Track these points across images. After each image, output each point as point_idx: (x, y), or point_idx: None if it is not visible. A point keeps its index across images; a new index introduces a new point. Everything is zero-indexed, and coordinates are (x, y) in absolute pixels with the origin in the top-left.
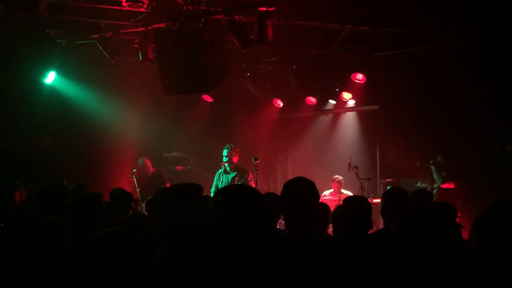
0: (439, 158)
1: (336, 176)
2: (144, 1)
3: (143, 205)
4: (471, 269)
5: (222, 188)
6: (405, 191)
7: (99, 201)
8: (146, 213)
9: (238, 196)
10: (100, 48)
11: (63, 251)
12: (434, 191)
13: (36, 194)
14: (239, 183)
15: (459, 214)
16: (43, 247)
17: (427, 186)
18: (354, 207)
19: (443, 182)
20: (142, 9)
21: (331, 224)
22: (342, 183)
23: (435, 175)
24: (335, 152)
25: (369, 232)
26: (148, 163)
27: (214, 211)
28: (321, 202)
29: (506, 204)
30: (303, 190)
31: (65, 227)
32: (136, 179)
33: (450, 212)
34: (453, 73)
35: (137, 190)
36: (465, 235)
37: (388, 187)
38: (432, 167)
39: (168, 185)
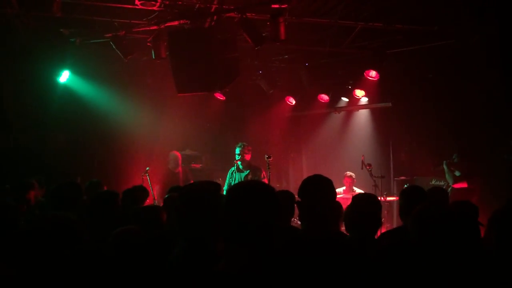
0: (454, 156)
1: (348, 172)
2: None
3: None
4: (489, 267)
5: (236, 184)
6: (422, 189)
7: (116, 199)
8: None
9: (252, 192)
10: (114, 47)
11: (79, 247)
12: (449, 189)
13: (50, 193)
14: None
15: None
16: (59, 243)
17: (443, 185)
18: (363, 204)
19: (454, 182)
20: (155, 8)
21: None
22: (353, 178)
23: (447, 175)
24: (348, 150)
25: (383, 230)
26: (179, 160)
27: (228, 207)
28: (336, 201)
29: None
30: (320, 188)
31: (80, 224)
32: (149, 176)
33: (470, 210)
34: (468, 69)
35: (151, 187)
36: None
37: (405, 185)
38: (444, 167)
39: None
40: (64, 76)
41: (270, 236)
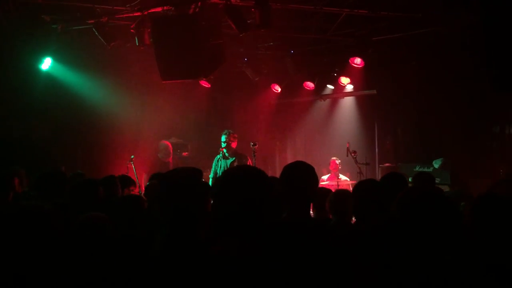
0: (438, 162)
1: (333, 157)
2: None
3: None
4: (469, 251)
5: (229, 169)
6: (403, 175)
7: (96, 188)
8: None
9: (246, 176)
10: (96, 33)
11: (53, 237)
12: None
13: (34, 182)
14: None
15: None
16: (33, 233)
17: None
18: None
19: None
20: None
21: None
22: (338, 164)
23: None
24: (333, 137)
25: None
26: (170, 149)
27: (222, 192)
28: (324, 188)
29: (505, 186)
30: (301, 174)
31: (56, 214)
32: (134, 164)
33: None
34: (452, 57)
35: (136, 175)
36: None
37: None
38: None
39: None
40: (46, 63)
41: (262, 218)
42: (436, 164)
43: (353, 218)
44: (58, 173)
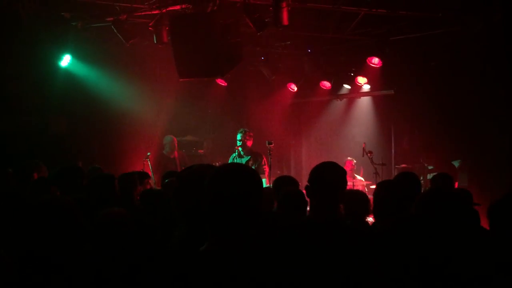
0: (456, 163)
1: (349, 157)
2: None
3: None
4: (486, 252)
5: (218, 166)
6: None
7: (112, 182)
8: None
9: (232, 172)
10: (115, 31)
11: (76, 229)
12: None
13: (52, 176)
14: (253, 167)
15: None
16: (55, 225)
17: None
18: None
19: None
20: None
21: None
22: (354, 164)
23: None
24: (350, 137)
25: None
26: (175, 144)
27: (209, 186)
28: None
29: None
30: (332, 174)
31: (76, 207)
32: (150, 161)
33: (465, 196)
34: (472, 57)
35: (152, 172)
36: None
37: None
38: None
39: None
40: (66, 60)
41: (251, 215)
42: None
43: (369, 219)
44: (76, 168)
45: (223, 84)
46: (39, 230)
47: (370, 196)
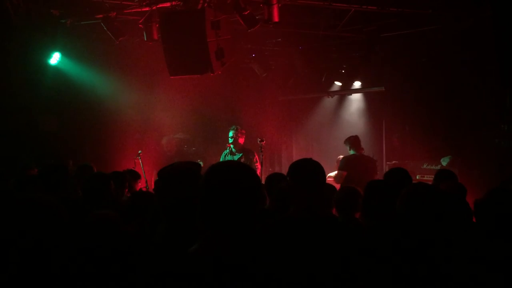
0: (447, 159)
1: (341, 155)
2: None
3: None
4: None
5: (214, 164)
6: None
7: (108, 182)
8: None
9: (230, 168)
10: (105, 28)
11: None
12: None
13: (38, 175)
14: None
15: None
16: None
17: (436, 169)
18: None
19: None
20: None
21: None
22: None
23: None
24: (341, 133)
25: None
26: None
27: (207, 182)
28: (327, 183)
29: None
30: (310, 170)
31: (61, 207)
32: (141, 160)
33: (458, 190)
34: (462, 53)
35: (143, 170)
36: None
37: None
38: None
39: None
40: (55, 58)
41: (249, 210)
42: (444, 161)
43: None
44: (60, 167)
45: (215, 79)
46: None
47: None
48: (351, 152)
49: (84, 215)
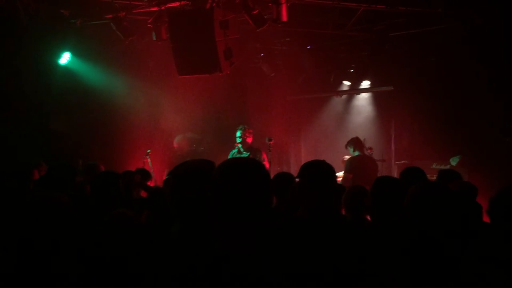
0: (456, 159)
1: (346, 156)
2: None
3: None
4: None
5: (226, 159)
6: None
7: (117, 180)
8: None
9: (242, 164)
10: (114, 28)
11: (70, 225)
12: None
13: (45, 174)
14: None
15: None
16: (52, 222)
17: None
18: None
19: None
20: None
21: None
22: None
23: None
24: (349, 133)
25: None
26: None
27: (218, 178)
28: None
29: None
30: (323, 173)
31: (71, 205)
32: (150, 159)
33: (469, 190)
34: (472, 53)
35: (152, 169)
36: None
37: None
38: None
39: None
40: (65, 58)
41: (261, 207)
42: (454, 161)
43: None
44: (66, 166)
45: (224, 78)
46: (33, 227)
47: None
48: (356, 153)
49: (92, 212)
